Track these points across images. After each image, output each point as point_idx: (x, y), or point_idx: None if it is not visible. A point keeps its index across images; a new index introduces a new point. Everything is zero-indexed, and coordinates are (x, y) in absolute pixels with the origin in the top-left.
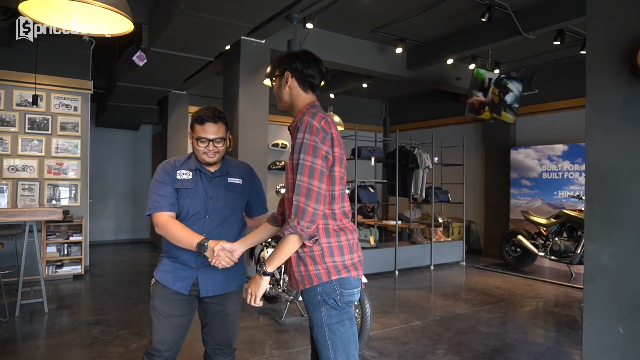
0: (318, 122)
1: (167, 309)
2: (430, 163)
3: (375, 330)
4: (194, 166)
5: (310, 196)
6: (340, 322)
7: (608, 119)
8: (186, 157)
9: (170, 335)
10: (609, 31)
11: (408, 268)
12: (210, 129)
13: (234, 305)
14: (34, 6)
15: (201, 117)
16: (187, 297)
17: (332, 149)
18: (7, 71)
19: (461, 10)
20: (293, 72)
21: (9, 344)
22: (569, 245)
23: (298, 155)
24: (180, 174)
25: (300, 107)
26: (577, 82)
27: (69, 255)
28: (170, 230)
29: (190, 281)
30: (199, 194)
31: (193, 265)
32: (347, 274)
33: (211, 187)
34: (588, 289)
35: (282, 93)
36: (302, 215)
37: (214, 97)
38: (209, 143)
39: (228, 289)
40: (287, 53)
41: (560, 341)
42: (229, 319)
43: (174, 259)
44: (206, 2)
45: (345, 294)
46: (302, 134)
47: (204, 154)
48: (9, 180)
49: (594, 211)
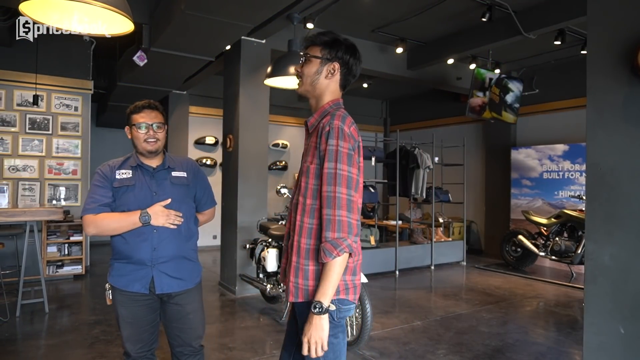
0: (348, 127)
1: (130, 314)
2: (431, 163)
3: (375, 330)
4: (135, 163)
5: (352, 208)
6: (334, 335)
7: (609, 119)
8: (125, 157)
9: (139, 336)
10: (609, 31)
11: (408, 268)
12: (148, 115)
13: (192, 303)
14: (34, 6)
15: (137, 107)
16: (147, 298)
17: (359, 157)
18: (7, 71)
19: (461, 10)
20: (342, 65)
21: (10, 343)
22: (569, 245)
23: (335, 164)
24: (120, 173)
25: (325, 102)
26: (578, 82)
27: (69, 255)
28: (105, 223)
29: (147, 280)
30: (142, 190)
31: (148, 263)
32: (345, 296)
33: (155, 182)
34: (589, 289)
35: (318, 81)
36: (349, 229)
37: (214, 97)
38: (149, 129)
39: (185, 287)
40: (342, 40)
41: (561, 341)
42: (189, 318)
43: (126, 261)
44: (206, 2)
45: (343, 310)
46: (335, 141)
47: (145, 141)
48: (9, 180)
49: (595, 211)
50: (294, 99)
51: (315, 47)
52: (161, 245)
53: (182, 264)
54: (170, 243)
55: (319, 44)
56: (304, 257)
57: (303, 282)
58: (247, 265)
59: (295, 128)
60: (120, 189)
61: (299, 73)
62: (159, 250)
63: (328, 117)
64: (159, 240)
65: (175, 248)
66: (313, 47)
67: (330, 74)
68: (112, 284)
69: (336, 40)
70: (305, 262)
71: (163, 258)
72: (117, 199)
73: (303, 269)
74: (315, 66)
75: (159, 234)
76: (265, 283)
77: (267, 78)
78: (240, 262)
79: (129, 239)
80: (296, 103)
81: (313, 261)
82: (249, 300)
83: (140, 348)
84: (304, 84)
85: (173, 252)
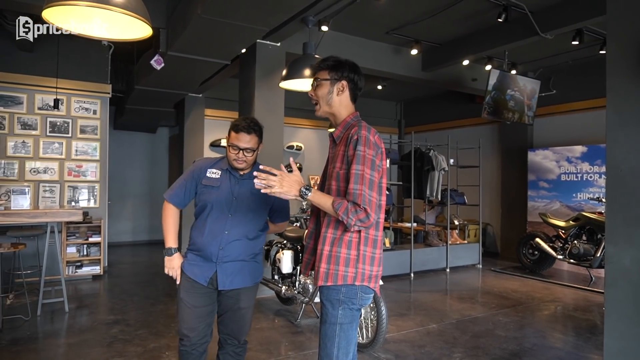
0: (373, 136)
1: (190, 300)
2: (446, 165)
3: (391, 333)
4: (225, 167)
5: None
6: (351, 323)
7: (630, 120)
8: (221, 157)
9: (195, 323)
10: (629, 30)
11: (424, 270)
12: (242, 139)
13: (247, 301)
14: (56, 13)
15: (237, 126)
16: (207, 289)
17: (381, 162)
18: (29, 76)
19: (477, 11)
20: (349, 82)
21: (32, 342)
22: (588, 248)
23: (362, 167)
24: (211, 172)
25: (344, 117)
26: (596, 82)
27: (88, 255)
28: (165, 218)
29: (210, 274)
30: (224, 192)
31: (214, 259)
32: (368, 283)
33: (238, 187)
34: (609, 293)
35: (331, 99)
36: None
37: (230, 99)
38: (240, 151)
39: (244, 285)
40: (342, 61)
41: (580, 346)
42: (241, 312)
43: (197, 252)
44: (222, 6)
45: (364, 298)
46: (363, 147)
47: (234, 160)
48: (31, 182)
49: (615, 213)
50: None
51: (323, 72)
52: (228, 246)
53: (244, 265)
54: (236, 247)
55: (326, 68)
56: (331, 244)
57: (335, 267)
58: None
59: (310, 130)
60: (207, 187)
61: (313, 98)
62: (225, 250)
63: (355, 128)
64: (227, 242)
65: (240, 251)
66: (321, 72)
67: (340, 91)
68: (183, 270)
69: (340, 62)
70: (337, 250)
71: (227, 258)
72: (202, 194)
73: (334, 256)
74: (327, 87)
75: (228, 237)
76: (280, 285)
77: (282, 81)
78: None
79: (204, 234)
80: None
81: (341, 248)
82: (264, 302)
83: (194, 336)
84: (321, 106)
85: (237, 254)
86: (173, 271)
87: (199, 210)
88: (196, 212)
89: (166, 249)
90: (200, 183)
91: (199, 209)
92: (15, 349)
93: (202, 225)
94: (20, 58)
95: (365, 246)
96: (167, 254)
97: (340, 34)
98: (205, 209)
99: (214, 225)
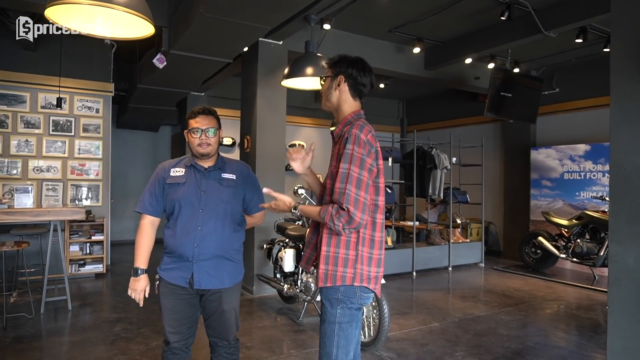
0: (365, 135)
1: (170, 305)
2: (449, 163)
3: (393, 332)
4: (189, 163)
5: (358, 204)
6: (350, 322)
7: (634, 118)
8: (183, 157)
9: (177, 327)
10: (634, 28)
11: (426, 269)
12: (201, 121)
13: (229, 303)
14: (58, 12)
15: (193, 112)
16: (187, 293)
17: (376, 161)
18: (32, 75)
19: (480, 9)
20: (347, 77)
21: (35, 339)
22: (591, 247)
23: (348, 166)
24: (174, 171)
25: (346, 114)
26: (600, 80)
27: (91, 254)
28: (138, 234)
29: (188, 273)
30: (191, 187)
31: (190, 259)
32: (367, 284)
33: (205, 181)
34: (613, 292)
35: (331, 95)
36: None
37: (232, 98)
38: (202, 133)
39: (221, 286)
40: (343, 57)
41: (583, 345)
42: (225, 315)
43: (171, 255)
44: (225, 4)
45: (364, 297)
46: (352, 146)
47: (198, 145)
48: (34, 180)
49: (619, 212)
50: (311, 100)
51: (327, 70)
52: (202, 243)
53: (222, 263)
54: (211, 242)
55: (329, 65)
56: (330, 245)
57: (333, 268)
58: (264, 265)
59: (312, 129)
60: (172, 185)
61: (320, 93)
62: (200, 248)
63: (349, 126)
64: (201, 238)
65: (216, 247)
66: (328, 69)
67: (337, 85)
68: (160, 275)
69: (341, 58)
70: (335, 250)
71: (204, 255)
72: (169, 194)
73: (333, 257)
74: (328, 83)
75: (202, 232)
76: (282, 283)
77: (285, 79)
78: (258, 262)
79: (176, 234)
80: (313, 104)
81: (339, 248)
82: (266, 300)
83: (178, 339)
84: (324, 101)
85: (213, 251)
86: (136, 294)
87: (169, 211)
88: (167, 214)
89: (133, 269)
90: (165, 183)
91: (168, 209)
92: (19, 347)
93: (174, 225)
94: (23, 57)
95: (364, 246)
96: (134, 274)
97: (342, 32)
98: (174, 208)
99: (186, 223)
